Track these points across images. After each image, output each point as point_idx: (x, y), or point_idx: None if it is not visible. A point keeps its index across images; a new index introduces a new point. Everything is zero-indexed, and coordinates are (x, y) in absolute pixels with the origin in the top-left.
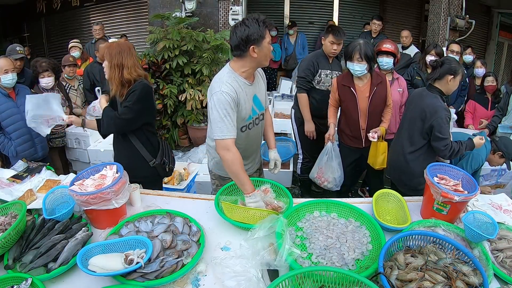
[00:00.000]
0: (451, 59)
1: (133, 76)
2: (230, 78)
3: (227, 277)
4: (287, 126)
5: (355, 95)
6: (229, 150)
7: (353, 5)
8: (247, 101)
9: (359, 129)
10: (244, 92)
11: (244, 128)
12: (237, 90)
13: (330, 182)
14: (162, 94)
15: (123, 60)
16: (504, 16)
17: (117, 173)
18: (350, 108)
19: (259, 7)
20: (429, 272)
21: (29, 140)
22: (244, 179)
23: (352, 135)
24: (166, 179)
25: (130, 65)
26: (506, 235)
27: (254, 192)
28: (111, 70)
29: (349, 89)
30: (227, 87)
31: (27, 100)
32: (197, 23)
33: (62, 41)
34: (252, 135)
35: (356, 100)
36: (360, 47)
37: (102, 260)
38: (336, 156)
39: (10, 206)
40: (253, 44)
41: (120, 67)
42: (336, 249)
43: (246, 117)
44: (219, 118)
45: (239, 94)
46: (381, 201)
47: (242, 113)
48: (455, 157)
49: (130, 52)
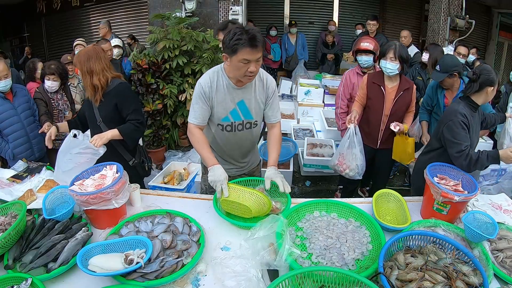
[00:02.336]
0: (488, 68)
1: (102, 82)
2: (214, 73)
3: (227, 277)
4: (287, 126)
5: (384, 94)
6: (191, 132)
7: (353, 5)
8: (226, 101)
9: (378, 128)
10: (225, 91)
11: (220, 127)
12: (215, 86)
13: (352, 170)
14: (162, 94)
15: (91, 66)
16: (504, 16)
17: (117, 173)
18: (376, 106)
19: (259, 7)
20: (429, 272)
21: (26, 142)
22: (205, 154)
23: (369, 133)
24: (166, 179)
25: (99, 70)
26: (506, 235)
27: (214, 166)
28: (83, 77)
29: (379, 87)
30: (204, 79)
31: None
32: (197, 23)
33: (62, 41)
34: (232, 140)
35: (384, 99)
36: (396, 47)
37: (102, 260)
38: (358, 142)
39: (10, 206)
40: (224, 52)
41: (90, 73)
42: (336, 249)
43: (222, 117)
44: (191, 104)
45: (214, 90)
46: (381, 201)
47: (218, 110)
48: (476, 168)
49: (98, 57)
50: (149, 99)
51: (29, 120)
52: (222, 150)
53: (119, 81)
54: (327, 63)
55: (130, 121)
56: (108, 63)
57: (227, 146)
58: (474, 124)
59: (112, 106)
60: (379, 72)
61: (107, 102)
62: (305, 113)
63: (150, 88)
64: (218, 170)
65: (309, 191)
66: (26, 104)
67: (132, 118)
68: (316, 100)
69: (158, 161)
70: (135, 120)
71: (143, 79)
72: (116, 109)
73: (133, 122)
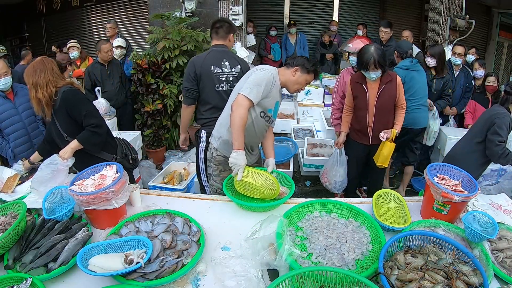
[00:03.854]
0: None
1: (45, 96)
2: (275, 72)
3: (227, 277)
4: (287, 126)
5: (366, 91)
6: (241, 105)
7: (353, 5)
8: (273, 98)
9: (366, 125)
10: (276, 91)
11: (262, 114)
12: (276, 82)
13: (330, 184)
14: (162, 94)
15: (36, 78)
16: (504, 16)
17: (117, 173)
18: (361, 103)
19: (259, 7)
20: (429, 272)
21: (27, 141)
22: (239, 135)
23: (359, 130)
24: (166, 179)
25: (43, 83)
26: (506, 235)
27: (240, 151)
28: (30, 91)
29: (361, 85)
30: (274, 74)
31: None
32: (197, 23)
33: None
34: (261, 126)
35: (367, 96)
36: (374, 57)
37: (102, 260)
38: (341, 163)
39: (10, 206)
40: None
41: (35, 87)
42: (336, 249)
43: (268, 108)
44: (254, 83)
45: (273, 88)
46: (381, 201)
47: (269, 102)
48: (504, 162)
49: (44, 69)
50: (149, 99)
51: (30, 120)
52: (250, 136)
53: (64, 89)
54: (326, 63)
55: (86, 127)
56: (56, 75)
57: (256, 133)
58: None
59: (66, 117)
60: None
61: (61, 115)
62: (305, 113)
63: (150, 88)
64: (242, 155)
65: (309, 191)
66: (27, 104)
67: (87, 124)
68: (316, 100)
69: (158, 161)
70: (89, 125)
71: (143, 79)
72: (71, 120)
73: (88, 127)
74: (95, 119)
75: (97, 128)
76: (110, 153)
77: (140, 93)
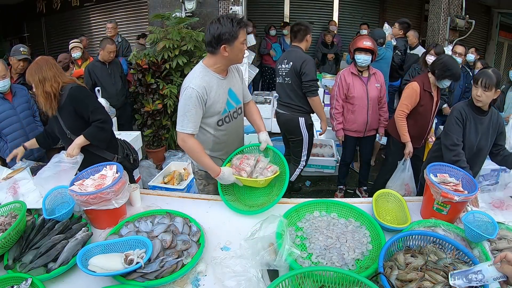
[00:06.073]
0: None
1: (54, 88)
2: (201, 73)
3: (227, 277)
4: None
5: (434, 98)
6: (185, 142)
7: (353, 5)
8: (221, 94)
9: (426, 130)
10: (217, 85)
11: (221, 122)
12: (208, 85)
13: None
14: (162, 94)
15: (43, 73)
16: (504, 16)
17: (117, 173)
18: (427, 111)
19: (259, 7)
20: (429, 272)
21: (25, 141)
22: (207, 164)
23: (416, 136)
24: (166, 179)
25: (51, 76)
26: (506, 235)
27: (220, 174)
28: (36, 89)
29: (429, 94)
30: (195, 83)
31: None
32: (197, 23)
33: (62, 41)
34: (231, 129)
35: (433, 104)
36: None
37: (102, 260)
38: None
39: (10, 206)
40: (224, 43)
41: (42, 82)
42: (336, 249)
43: (221, 111)
44: (182, 113)
45: (209, 88)
46: (381, 201)
47: (216, 106)
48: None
49: (49, 64)
50: (149, 99)
51: (28, 120)
52: (225, 146)
53: (70, 86)
54: (327, 63)
55: (93, 122)
56: (60, 70)
57: (229, 140)
58: (474, 125)
59: (72, 114)
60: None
61: (66, 112)
62: None
63: (150, 88)
64: (226, 173)
65: (309, 191)
66: (25, 104)
67: (93, 119)
68: None
69: (158, 161)
70: (96, 120)
71: (143, 79)
72: (77, 116)
73: (95, 123)
74: (102, 114)
75: (104, 123)
76: (112, 152)
77: (140, 93)
